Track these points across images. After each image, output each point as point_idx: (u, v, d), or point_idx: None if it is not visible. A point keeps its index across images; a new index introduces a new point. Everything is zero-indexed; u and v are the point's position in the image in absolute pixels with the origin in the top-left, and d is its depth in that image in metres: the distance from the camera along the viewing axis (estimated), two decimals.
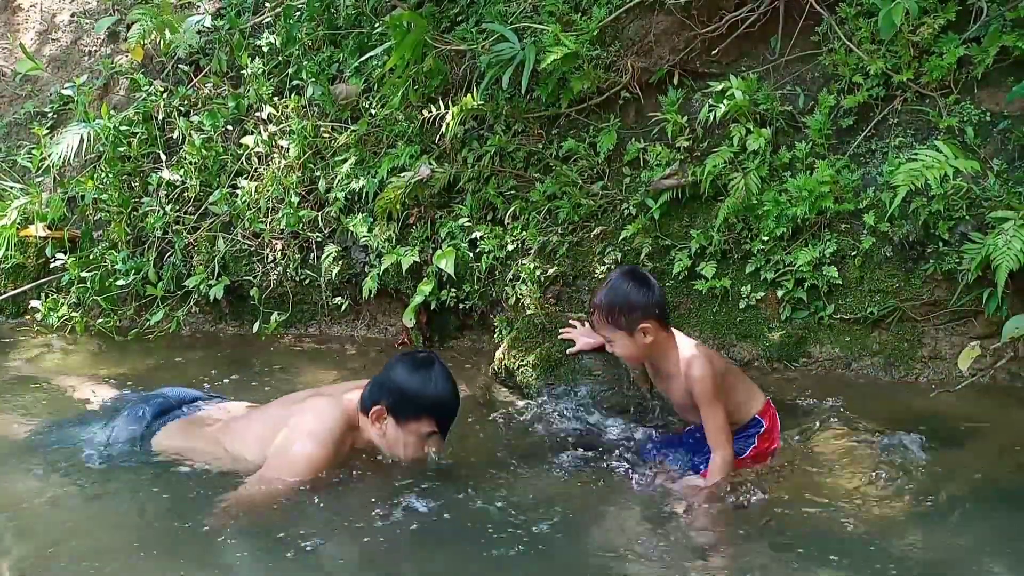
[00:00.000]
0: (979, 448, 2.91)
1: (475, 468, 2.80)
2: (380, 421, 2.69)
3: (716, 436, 2.68)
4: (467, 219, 4.02)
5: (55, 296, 4.67)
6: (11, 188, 4.97)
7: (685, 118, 3.76)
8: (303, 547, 2.36)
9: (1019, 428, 3.03)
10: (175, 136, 4.72)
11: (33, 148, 5.02)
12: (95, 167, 4.82)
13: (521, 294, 3.81)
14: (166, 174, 4.61)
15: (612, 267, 3.62)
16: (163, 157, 4.71)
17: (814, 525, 2.43)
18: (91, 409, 3.41)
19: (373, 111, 4.37)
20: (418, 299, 3.99)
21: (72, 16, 5.64)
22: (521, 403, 3.45)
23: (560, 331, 3.40)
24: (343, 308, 4.38)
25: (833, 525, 2.43)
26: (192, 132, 4.62)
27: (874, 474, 2.70)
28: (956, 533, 2.38)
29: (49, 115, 5.32)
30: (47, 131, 5.00)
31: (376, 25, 4.42)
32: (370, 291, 4.13)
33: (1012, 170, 3.28)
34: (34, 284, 4.88)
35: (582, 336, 3.32)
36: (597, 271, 3.76)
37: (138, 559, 2.35)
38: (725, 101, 3.53)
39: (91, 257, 4.67)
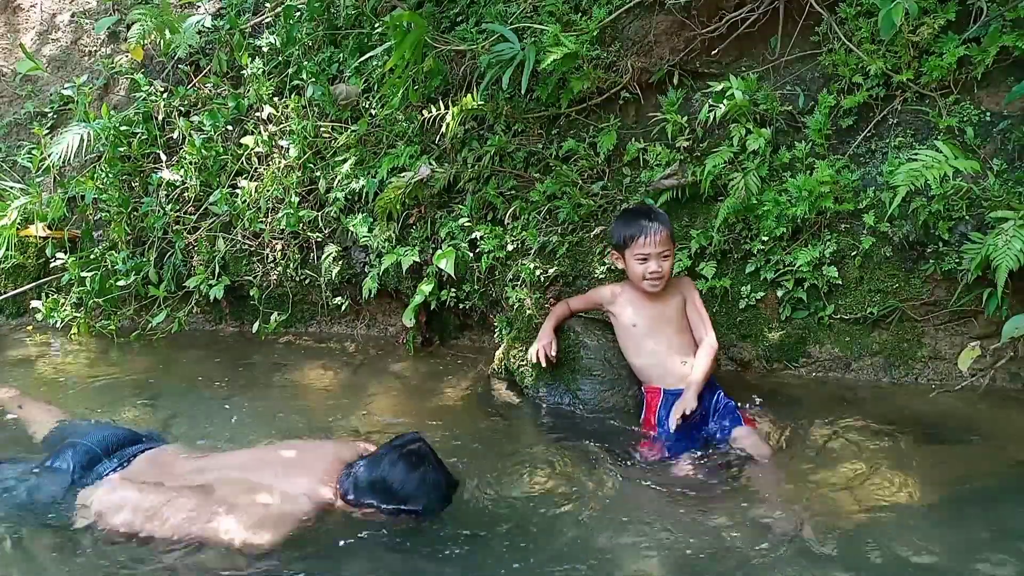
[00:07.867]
0: (979, 448, 2.92)
1: (475, 468, 2.80)
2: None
3: (709, 323, 3.23)
4: (467, 219, 4.02)
5: (56, 296, 4.67)
6: (11, 188, 4.97)
7: (685, 118, 3.76)
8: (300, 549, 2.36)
9: (1019, 428, 3.03)
10: (175, 136, 4.73)
11: (33, 148, 5.02)
12: (95, 167, 4.82)
13: (519, 297, 3.81)
14: (166, 174, 4.61)
15: (612, 267, 3.62)
16: (163, 157, 4.72)
17: (812, 525, 2.43)
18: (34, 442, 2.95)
19: (373, 111, 4.37)
20: (418, 299, 3.99)
21: (72, 16, 5.65)
22: (521, 403, 3.47)
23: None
24: (343, 308, 4.39)
25: (831, 525, 2.43)
26: (192, 132, 4.62)
27: (873, 474, 2.71)
28: (955, 532, 2.38)
29: (49, 115, 5.33)
30: (47, 131, 5.01)
31: (376, 25, 4.42)
32: (370, 291, 4.13)
33: (1012, 170, 3.27)
34: (34, 284, 4.89)
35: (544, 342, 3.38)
36: (597, 271, 3.76)
37: None
38: (725, 101, 3.53)
39: (91, 257, 4.67)
